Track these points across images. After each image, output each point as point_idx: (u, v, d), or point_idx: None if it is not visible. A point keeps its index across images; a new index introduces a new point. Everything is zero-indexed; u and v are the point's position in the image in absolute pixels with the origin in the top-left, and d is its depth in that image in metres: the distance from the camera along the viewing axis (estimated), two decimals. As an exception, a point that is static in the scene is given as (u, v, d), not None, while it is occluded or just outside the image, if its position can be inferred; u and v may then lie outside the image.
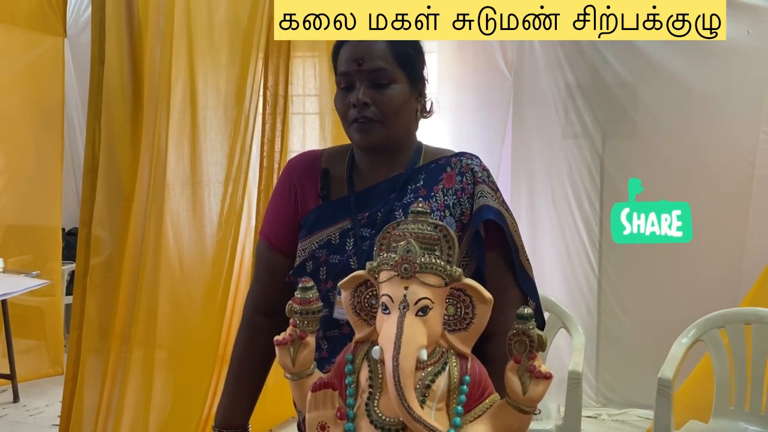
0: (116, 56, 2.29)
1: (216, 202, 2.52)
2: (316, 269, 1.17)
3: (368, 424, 0.82)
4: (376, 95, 1.13)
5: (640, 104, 3.39)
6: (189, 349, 2.53)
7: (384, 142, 1.16)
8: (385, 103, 1.13)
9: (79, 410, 2.37)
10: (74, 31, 4.20)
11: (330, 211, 1.19)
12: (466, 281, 0.84)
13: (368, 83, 1.13)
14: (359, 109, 1.13)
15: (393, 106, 1.13)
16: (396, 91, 1.14)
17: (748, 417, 2.26)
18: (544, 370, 0.79)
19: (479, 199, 1.15)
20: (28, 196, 3.86)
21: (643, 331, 3.39)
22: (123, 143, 2.34)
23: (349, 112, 1.15)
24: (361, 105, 1.12)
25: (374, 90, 1.13)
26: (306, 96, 3.06)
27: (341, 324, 1.12)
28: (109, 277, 2.39)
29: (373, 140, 1.15)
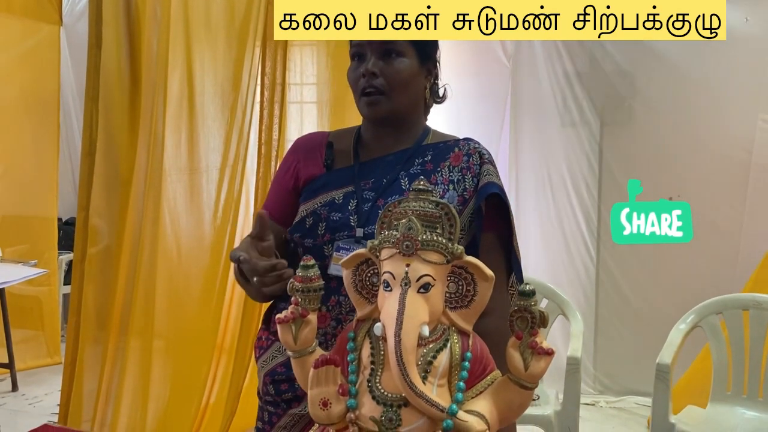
0: (113, 41, 2.28)
1: (213, 189, 2.51)
2: (315, 224, 1.19)
3: (370, 399, 0.82)
4: (384, 67, 1.17)
5: (638, 92, 3.39)
6: (187, 337, 2.53)
7: (391, 114, 1.20)
8: (392, 74, 1.17)
9: (78, 396, 2.37)
10: (70, 19, 4.18)
11: (335, 177, 1.22)
12: (467, 259, 0.84)
13: (378, 55, 1.18)
14: (368, 79, 1.17)
15: (401, 78, 1.18)
16: (404, 64, 1.18)
17: (746, 402, 2.28)
18: (546, 346, 0.80)
19: (485, 176, 1.19)
20: (25, 185, 3.85)
21: (641, 318, 3.40)
22: (120, 128, 2.33)
23: (359, 83, 1.19)
24: (369, 75, 1.17)
25: (383, 62, 1.17)
26: (304, 84, 3.04)
27: (331, 278, 1.14)
28: (107, 265, 2.39)
29: (381, 111, 1.19)
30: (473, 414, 0.80)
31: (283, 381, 1.19)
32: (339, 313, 1.14)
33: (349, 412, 0.82)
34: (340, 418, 0.82)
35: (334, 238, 1.16)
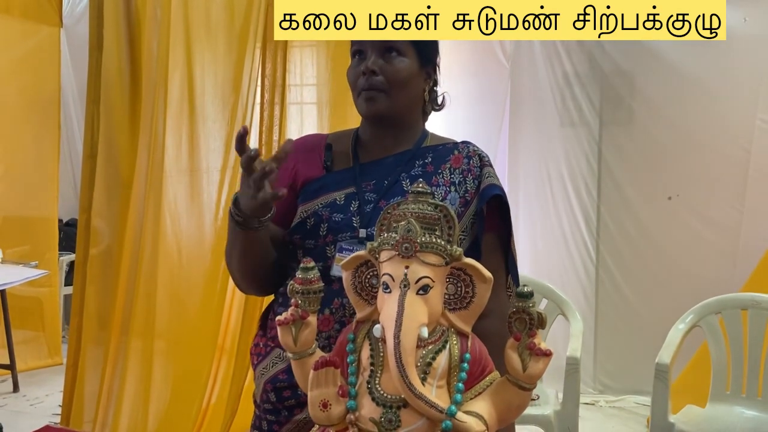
0: (114, 43, 2.29)
1: (215, 190, 2.51)
2: (316, 225, 1.18)
3: (370, 401, 0.82)
4: (384, 65, 1.18)
5: (637, 92, 3.39)
6: (188, 338, 2.54)
7: (389, 113, 1.20)
8: (392, 73, 1.17)
9: (80, 398, 2.38)
10: (70, 21, 4.19)
11: (335, 179, 1.22)
12: (466, 260, 0.85)
13: (378, 54, 1.18)
14: (367, 78, 1.17)
15: (400, 77, 1.18)
16: (404, 64, 1.19)
17: (745, 401, 2.28)
18: (544, 347, 0.80)
19: (487, 179, 1.20)
20: (26, 186, 3.86)
21: (641, 318, 3.41)
22: (121, 129, 2.34)
23: (358, 81, 1.19)
24: (369, 73, 1.17)
25: (383, 60, 1.18)
26: (304, 85, 3.05)
27: (334, 280, 1.13)
28: (109, 266, 2.40)
29: (378, 110, 1.19)
30: (472, 415, 0.81)
31: (285, 388, 1.17)
32: (343, 316, 1.13)
33: (348, 414, 0.82)
34: (339, 420, 0.83)
35: (336, 239, 1.16)
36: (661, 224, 3.38)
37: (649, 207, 3.41)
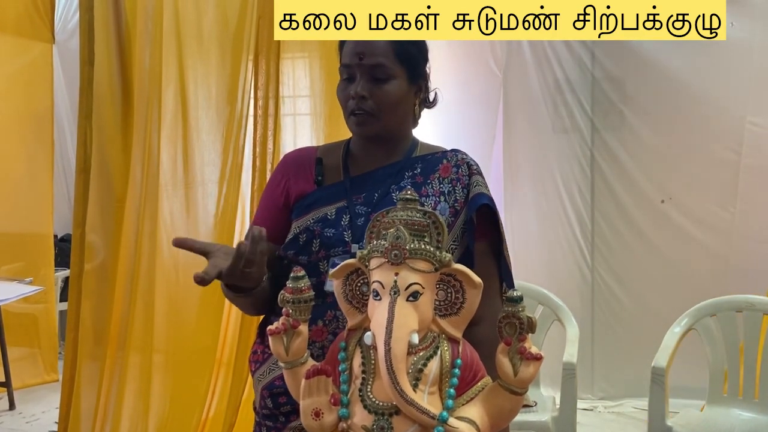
0: (105, 58, 2.29)
1: (211, 203, 2.51)
2: (309, 241, 1.19)
3: (362, 408, 0.83)
4: (374, 89, 1.17)
5: (628, 97, 3.41)
6: (186, 352, 2.53)
7: (380, 134, 1.21)
8: (382, 97, 1.17)
9: (76, 414, 2.36)
10: (62, 36, 4.19)
11: (326, 193, 1.22)
12: (455, 266, 0.86)
13: (368, 77, 1.17)
14: (357, 101, 1.17)
15: (389, 101, 1.18)
16: (394, 86, 1.18)
17: (742, 403, 2.28)
18: (534, 351, 0.81)
19: (475, 187, 1.20)
20: (19, 202, 3.84)
21: (638, 322, 3.41)
22: (114, 144, 2.34)
23: (348, 103, 1.19)
24: (359, 98, 1.16)
25: (373, 84, 1.17)
26: (297, 97, 3.06)
27: (327, 294, 1.13)
28: (104, 281, 2.39)
29: (369, 132, 1.20)
30: (464, 420, 0.81)
31: (281, 394, 1.18)
32: (336, 328, 1.14)
33: (341, 422, 0.83)
34: (332, 428, 0.83)
35: (329, 254, 1.17)
36: (655, 227, 3.40)
37: (643, 211, 3.42)
